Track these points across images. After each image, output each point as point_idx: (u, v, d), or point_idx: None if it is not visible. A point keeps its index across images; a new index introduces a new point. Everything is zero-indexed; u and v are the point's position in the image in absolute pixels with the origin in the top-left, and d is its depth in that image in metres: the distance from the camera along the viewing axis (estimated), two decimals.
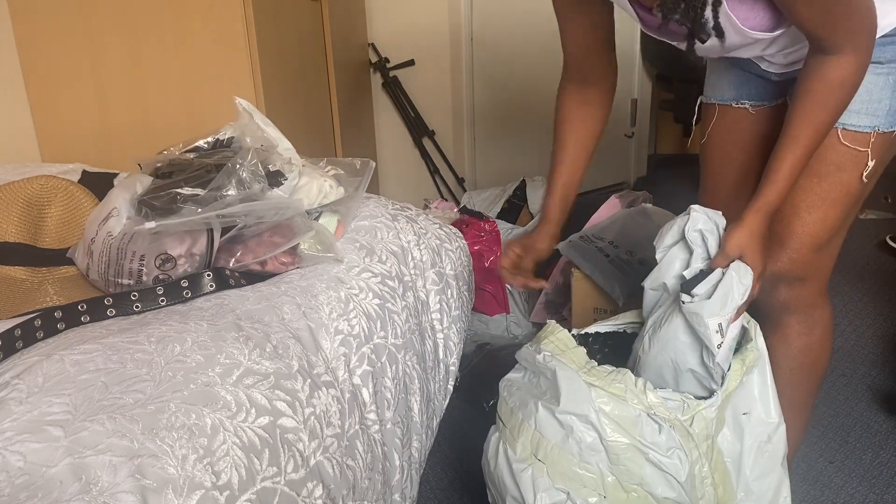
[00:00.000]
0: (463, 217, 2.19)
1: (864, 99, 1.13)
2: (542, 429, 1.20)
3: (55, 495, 0.72)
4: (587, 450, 1.16)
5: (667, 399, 1.14)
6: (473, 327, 2.18)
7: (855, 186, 1.19)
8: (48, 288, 1.19)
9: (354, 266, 1.26)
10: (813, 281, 1.27)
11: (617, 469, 1.15)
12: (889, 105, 1.15)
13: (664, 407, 1.13)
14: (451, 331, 1.45)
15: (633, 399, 1.14)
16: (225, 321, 1.03)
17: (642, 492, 1.14)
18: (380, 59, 3.08)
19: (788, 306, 1.28)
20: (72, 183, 1.32)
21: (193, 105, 2.00)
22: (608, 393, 1.15)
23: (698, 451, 1.15)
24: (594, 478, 1.16)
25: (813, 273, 1.26)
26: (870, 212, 2.95)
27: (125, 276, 1.13)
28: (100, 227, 1.17)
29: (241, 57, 1.94)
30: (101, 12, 1.96)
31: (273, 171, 1.23)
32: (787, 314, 1.29)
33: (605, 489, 1.15)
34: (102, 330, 1.00)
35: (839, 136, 1.17)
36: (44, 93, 2.07)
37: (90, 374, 0.88)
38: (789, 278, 1.25)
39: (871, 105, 1.15)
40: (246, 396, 0.90)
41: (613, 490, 1.15)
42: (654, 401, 1.13)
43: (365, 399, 1.12)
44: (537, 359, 1.23)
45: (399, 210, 1.48)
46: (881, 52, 1.12)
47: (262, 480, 0.84)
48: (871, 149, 1.16)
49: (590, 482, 1.16)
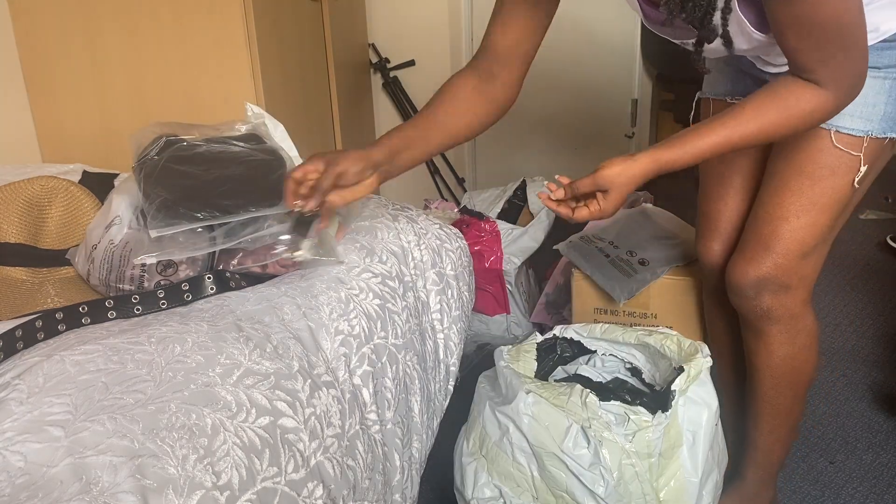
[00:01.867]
0: (463, 217, 2.19)
1: (860, 102, 1.09)
2: (486, 426, 1.28)
3: (56, 495, 0.72)
4: (518, 451, 1.22)
5: (609, 412, 1.17)
6: (474, 327, 2.18)
7: (846, 192, 1.18)
8: (49, 289, 1.19)
9: (355, 266, 1.26)
10: (798, 289, 1.23)
11: (544, 473, 1.19)
12: (884, 110, 1.13)
13: (599, 422, 1.16)
14: (452, 331, 1.45)
15: (571, 410, 1.17)
16: (225, 322, 1.03)
17: (569, 499, 1.17)
18: (380, 60, 3.08)
19: (771, 315, 1.25)
20: (72, 183, 1.32)
21: (194, 105, 2.00)
22: (546, 401, 1.19)
23: (635, 469, 1.15)
24: (526, 478, 1.21)
25: (798, 281, 1.23)
26: (870, 212, 2.94)
27: (126, 282, 1.13)
28: (102, 235, 1.17)
29: (241, 57, 1.94)
30: (101, 12, 1.96)
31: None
32: (769, 323, 1.26)
33: (537, 491, 1.20)
34: (103, 331, 1.00)
35: (832, 138, 1.15)
36: (44, 93, 2.07)
37: (91, 375, 0.88)
38: (774, 285, 1.22)
39: (865, 109, 1.13)
40: (246, 397, 0.90)
41: (543, 493, 1.20)
42: (590, 415, 1.16)
43: (365, 399, 1.12)
44: (499, 363, 1.31)
45: (399, 210, 1.48)
46: (879, 57, 1.11)
47: (263, 480, 0.84)
48: (863, 154, 1.14)
49: (522, 482, 1.22)
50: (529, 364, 1.34)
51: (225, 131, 1.29)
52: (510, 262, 2.09)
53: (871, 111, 1.13)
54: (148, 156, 1.19)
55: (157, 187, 1.13)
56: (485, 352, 2.09)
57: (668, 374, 1.32)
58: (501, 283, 2.10)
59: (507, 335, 2.17)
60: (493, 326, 2.17)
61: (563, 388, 1.21)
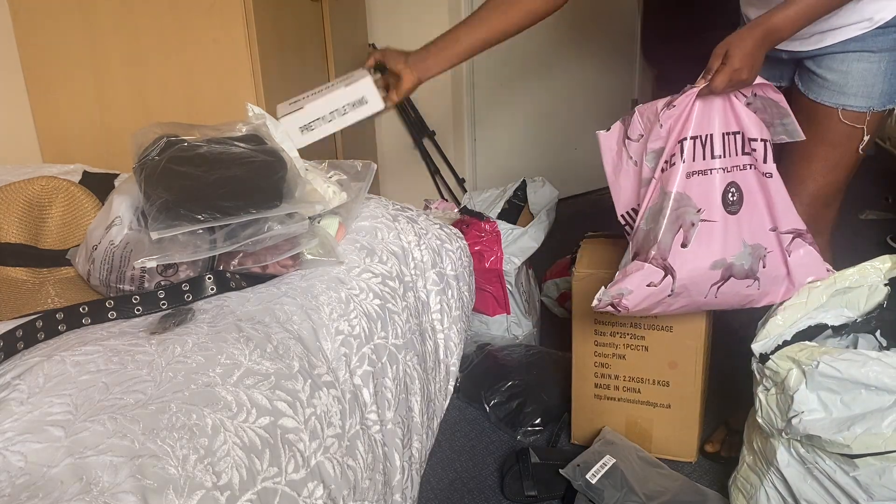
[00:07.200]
0: (463, 217, 2.19)
1: (860, 84, 1.33)
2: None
3: (56, 495, 0.72)
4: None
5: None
6: (474, 328, 2.18)
7: (854, 157, 1.41)
8: (49, 289, 1.19)
9: (355, 266, 1.26)
10: (824, 233, 1.49)
11: None
12: (881, 88, 1.33)
13: None
14: (452, 331, 1.45)
15: None
16: (225, 322, 1.03)
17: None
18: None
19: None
20: (73, 184, 1.32)
21: (194, 105, 2.00)
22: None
23: None
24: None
25: (824, 226, 1.49)
26: (870, 212, 2.94)
27: (127, 283, 1.13)
28: (103, 236, 1.17)
29: (241, 57, 1.94)
30: (101, 12, 1.96)
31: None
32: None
33: None
34: (103, 332, 1.00)
35: (840, 115, 1.36)
36: (44, 93, 2.07)
37: (91, 375, 0.88)
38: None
39: (866, 89, 1.34)
40: (247, 397, 0.90)
41: None
42: None
43: (366, 399, 1.12)
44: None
45: (400, 210, 1.48)
46: (873, 42, 1.30)
47: (263, 480, 0.84)
48: (866, 126, 1.36)
49: None
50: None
51: (226, 132, 1.29)
52: (510, 262, 2.10)
53: (871, 90, 1.34)
54: (149, 156, 1.19)
55: (158, 188, 1.12)
56: (485, 352, 2.09)
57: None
58: (501, 283, 2.10)
59: (507, 335, 2.17)
60: (493, 326, 2.17)
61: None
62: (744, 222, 1.33)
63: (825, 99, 1.37)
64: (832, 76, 1.35)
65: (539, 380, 1.94)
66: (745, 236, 1.33)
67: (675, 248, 1.31)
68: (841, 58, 1.34)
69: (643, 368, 1.69)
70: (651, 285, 1.31)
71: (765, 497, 1.39)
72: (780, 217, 1.35)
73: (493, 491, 1.67)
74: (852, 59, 1.33)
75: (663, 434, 1.72)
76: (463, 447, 1.80)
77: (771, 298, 1.40)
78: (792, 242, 1.37)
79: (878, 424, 1.19)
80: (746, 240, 1.34)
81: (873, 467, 1.20)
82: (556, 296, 2.37)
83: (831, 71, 1.35)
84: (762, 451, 1.40)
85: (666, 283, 1.32)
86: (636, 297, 1.32)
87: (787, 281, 1.39)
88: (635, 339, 1.67)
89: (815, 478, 1.28)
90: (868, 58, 1.31)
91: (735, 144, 1.32)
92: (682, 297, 1.35)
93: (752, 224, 1.34)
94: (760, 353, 1.34)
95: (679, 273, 1.31)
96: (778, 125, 1.32)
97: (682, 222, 1.31)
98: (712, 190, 1.31)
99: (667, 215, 1.31)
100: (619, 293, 1.33)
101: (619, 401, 1.74)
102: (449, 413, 1.45)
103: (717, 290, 1.34)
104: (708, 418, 1.77)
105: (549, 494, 1.63)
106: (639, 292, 1.32)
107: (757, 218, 1.34)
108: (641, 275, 1.32)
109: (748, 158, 1.33)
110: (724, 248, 1.32)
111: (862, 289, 1.39)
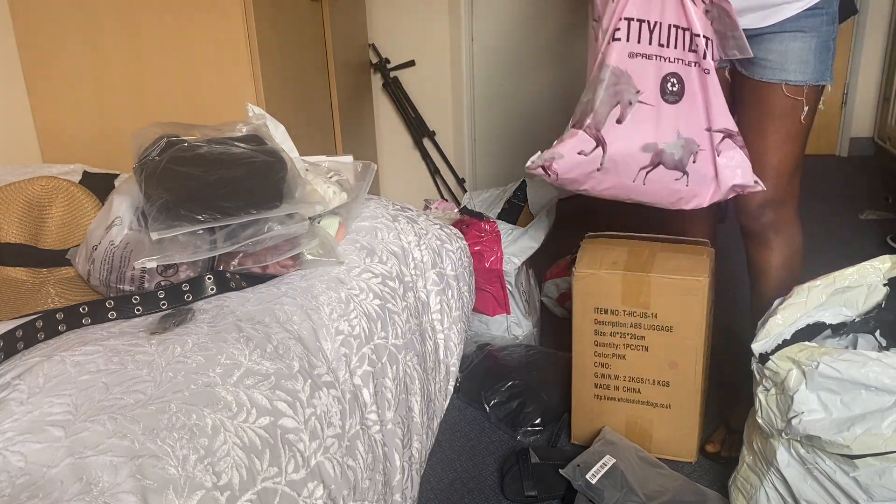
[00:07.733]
0: (463, 217, 2.19)
1: (797, 60, 1.46)
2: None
3: (56, 495, 0.72)
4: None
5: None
6: (474, 328, 2.18)
7: (799, 125, 1.53)
8: (49, 289, 1.19)
9: (355, 267, 1.26)
10: (789, 205, 1.60)
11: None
12: (814, 65, 1.46)
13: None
14: (452, 331, 1.45)
15: None
16: (225, 322, 1.04)
17: None
18: (380, 60, 3.08)
19: (774, 225, 1.60)
20: (73, 184, 1.32)
21: (194, 105, 2.00)
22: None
23: None
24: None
25: (790, 198, 1.59)
26: (870, 212, 2.94)
27: (127, 283, 1.13)
28: (103, 236, 1.17)
29: (241, 57, 1.94)
30: (101, 12, 1.96)
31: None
32: (772, 232, 1.61)
33: None
34: (103, 332, 1.00)
35: (783, 90, 1.48)
36: (44, 93, 2.07)
37: (91, 375, 0.88)
38: (773, 202, 1.57)
39: (801, 66, 1.46)
40: (247, 397, 0.91)
41: None
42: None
43: (366, 399, 1.13)
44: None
45: (399, 211, 1.48)
46: (805, 23, 1.43)
47: (263, 481, 0.84)
48: (805, 97, 1.48)
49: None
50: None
51: (226, 132, 1.29)
52: (510, 262, 2.10)
53: (805, 66, 1.46)
54: (149, 156, 1.19)
55: (159, 188, 1.13)
56: (485, 352, 2.09)
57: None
58: (501, 283, 2.10)
59: (506, 335, 2.17)
60: (493, 326, 2.17)
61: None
62: (681, 115, 1.41)
63: (769, 76, 1.49)
64: (773, 56, 1.47)
65: (539, 380, 1.94)
66: (681, 128, 1.41)
67: (610, 123, 1.38)
68: (780, 38, 1.46)
69: (643, 368, 1.69)
70: (581, 153, 1.39)
71: (765, 497, 1.39)
72: (715, 117, 1.42)
73: (493, 491, 1.67)
74: (789, 39, 1.45)
75: (663, 434, 1.73)
76: (463, 447, 1.80)
77: (699, 201, 1.47)
78: (722, 142, 1.43)
79: (878, 425, 1.19)
80: (681, 132, 1.41)
81: (873, 468, 1.20)
82: (556, 296, 2.37)
83: (771, 52, 1.47)
84: (762, 452, 1.40)
85: (596, 155, 1.39)
86: (566, 163, 1.39)
87: (715, 183, 1.45)
88: (635, 339, 1.68)
89: (815, 478, 1.28)
90: (801, 37, 1.44)
91: (683, 40, 1.38)
92: (610, 174, 1.41)
93: (689, 119, 1.41)
94: (760, 353, 1.34)
95: (610, 147, 1.39)
96: (730, 38, 1.38)
97: (620, 99, 1.38)
98: (653, 76, 1.39)
99: (604, 87, 1.38)
100: (552, 157, 1.39)
101: (619, 401, 1.74)
102: (449, 413, 1.45)
103: (646, 175, 1.41)
104: (708, 418, 1.77)
105: (549, 494, 1.63)
106: (569, 158, 1.39)
107: (695, 114, 1.41)
108: (574, 141, 1.39)
109: (693, 56, 1.39)
110: (657, 133, 1.40)
111: (861, 288, 1.39)
